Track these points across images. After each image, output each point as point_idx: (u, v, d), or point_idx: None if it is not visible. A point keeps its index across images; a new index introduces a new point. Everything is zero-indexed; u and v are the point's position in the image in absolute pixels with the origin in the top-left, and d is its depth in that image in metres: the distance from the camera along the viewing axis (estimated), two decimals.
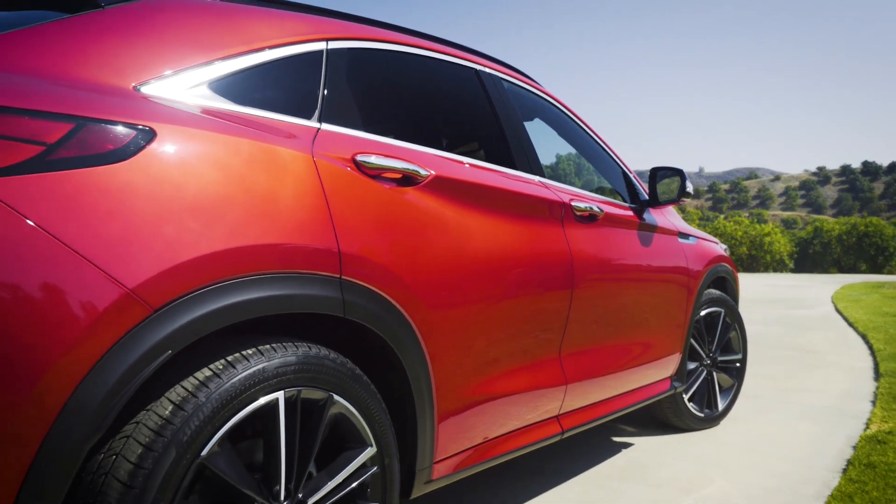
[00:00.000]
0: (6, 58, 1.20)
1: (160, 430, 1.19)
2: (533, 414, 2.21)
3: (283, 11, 1.77)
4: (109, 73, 1.30)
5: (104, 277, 1.11)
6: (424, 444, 1.76)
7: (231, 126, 1.41)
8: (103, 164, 1.16)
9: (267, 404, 1.35)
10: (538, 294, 2.17)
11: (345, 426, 1.54)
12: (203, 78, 1.45)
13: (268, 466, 1.37)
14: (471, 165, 2.03)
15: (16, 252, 1.04)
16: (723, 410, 3.61)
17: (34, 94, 1.14)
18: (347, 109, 1.75)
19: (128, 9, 1.44)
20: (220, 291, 1.26)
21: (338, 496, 1.51)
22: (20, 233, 1.04)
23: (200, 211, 1.26)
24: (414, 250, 1.70)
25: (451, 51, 2.27)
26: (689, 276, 3.19)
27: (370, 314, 1.56)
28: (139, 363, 1.15)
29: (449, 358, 1.80)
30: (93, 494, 1.14)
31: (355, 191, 1.59)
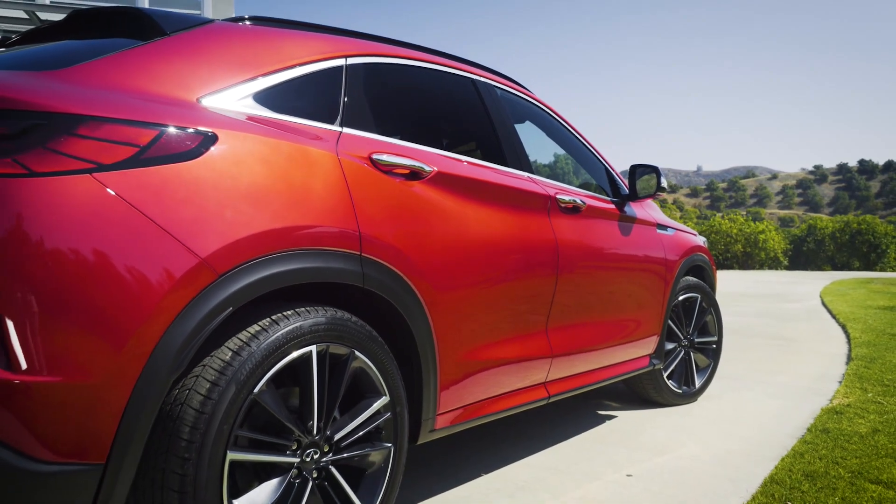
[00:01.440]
0: (103, 79, 1.52)
1: (222, 370, 1.51)
2: (522, 380, 2.54)
3: (308, 33, 2.10)
4: (178, 88, 1.63)
5: (184, 249, 1.43)
6: (428, 399, 2.08)
7: (272, 130, 1.73)
8: (179, 161, 1.49)
9: (303, 355, 1.67)
10: (526, 275, 2.49)
11: (363, 378, 1.86)
12: (248, 91, 1.77)
13: (303, 405, 1.70)
14: (468, 163, 2.36)
15: (120, 228, 1.36)
16: (700, 388, 3.94)
17: (129, 107, 1.46)
18: (364, 115, 2.07)
19: (188, 35, 1.76)
20: (267, 262, 1.58)
21: (358, 435, 1.83)
22: (122, 214, 1.37)
23: (252, 198, 1.59)
24: (420, 234, 2.02)
25: (450, 63, 2.59)
26: (666, 264, 3.52)
27: (384, 285, 1.88)
28: (207, 317, 1.47)
29: (449, 326, 2.12)
30: (173, 419, 1.46)
31: (372, 184, 1.91)
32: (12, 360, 1.24)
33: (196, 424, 1.46)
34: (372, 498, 1.86)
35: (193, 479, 1.45)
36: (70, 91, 1.43)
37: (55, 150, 1.32)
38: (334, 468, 1.77)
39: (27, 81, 1.43)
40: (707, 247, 4.28)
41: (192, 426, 1.46)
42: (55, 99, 1.37)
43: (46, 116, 1.34)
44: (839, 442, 2.98)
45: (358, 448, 1.84)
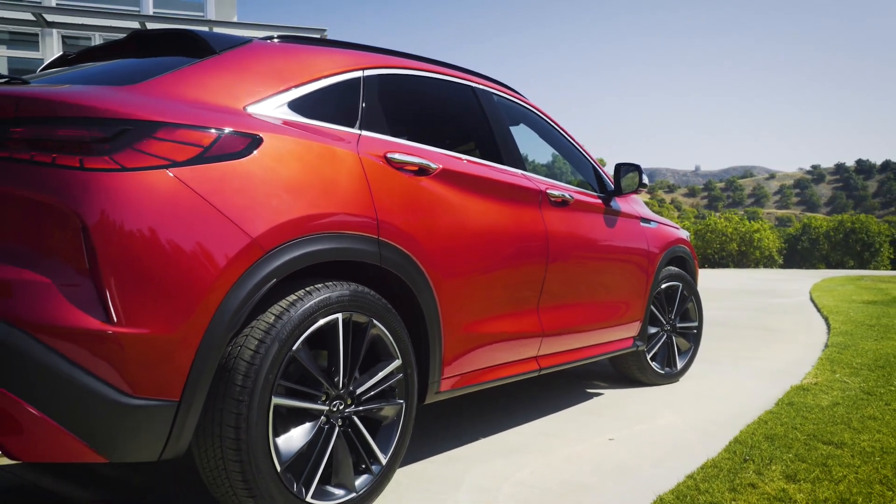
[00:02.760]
0: (171, 91, 1.86)
1: (267, 331, 1.85)
2: (516, 353, 2.87)
3: (330, 49, 2.43)
4: (229, 99, 1.96)
5: (238, 230, 1.76)
6: (434, 365, 2.42)
7: (304, 133, 2.07)
8: (233, 159, 1.82)
9: (331, 322, 2.00)
10: (520, 261, 2.82)
11: (379, 344, 2.19)
12: (284, 100, 2.11)
13: (331, 364, 2.03)
14: (468, 161, 2.69)
15: (189, 212, 1.69)
16: (681, 369, 4.28)
17: (194, 115, 1.79)
18: (379, 119, 2.40)
19: (233, 53, 2.10)
20: (303, 242, 1.91)
21: (375, 392, 2.17)
22: (191, 201, 1.70)
23: (290, 190, 1.92)
24: (427, 222, 2.36)
25: (452, 72, 2.93)
26: (649, 254, 3.85)
27: (398, 265, 2.21)
28: (256, 286, 1.80)
29: (452, 302, 2.45)
30: (228, 370, 1.79)
31: (387, 178, 2.25)
32: (109, 315, 1.57)
33: (247, 373, 1.79)
34: (387, 445, 2.20)
35: (246, 418, 1.78)
36: (148, 102, 1.76)
37: (140, 150, 1.66)
38: (356, 418, 2.10)
39: (115, 95, 1.76)
40: (690, 240, 4.62)
41: (245, 375, 1.79)
42: (138, 109, 1.70)
43: (133, 123, 1.67)
44: (801, 412, 3.32)
45: (375, 402, 2.17)
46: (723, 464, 2.58)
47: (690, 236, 4.60)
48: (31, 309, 1.54)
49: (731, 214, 32.75)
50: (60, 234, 1.58)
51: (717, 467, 2.54)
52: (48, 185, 1.58)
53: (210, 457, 1.81)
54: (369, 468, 2.14)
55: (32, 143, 1.60)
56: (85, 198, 1.58)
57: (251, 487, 1.80)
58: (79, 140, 1.61)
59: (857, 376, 4.22)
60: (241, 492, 1.81)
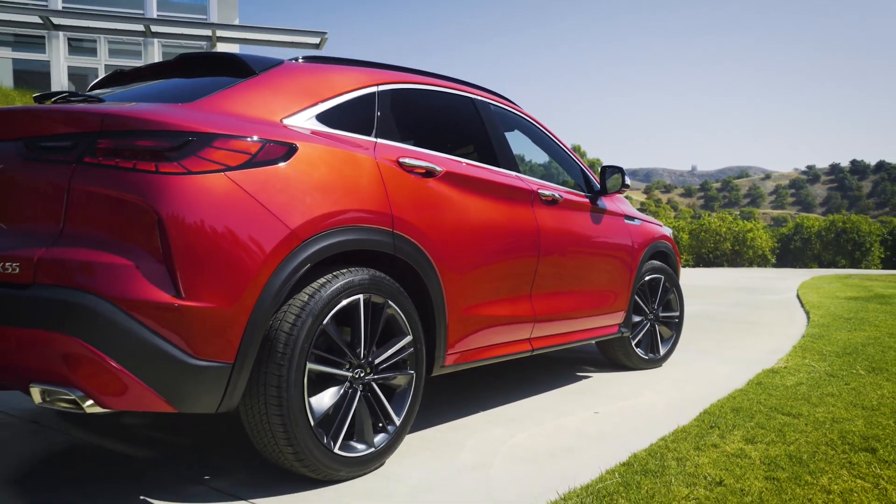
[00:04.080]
0: (222, 107, 2.22)
1: (303, 307, 2.21)
2: (511, 335, 3.23)
3: (350, 67, 2.79)
4: (268, 113, 2.32)
5: (280, 223, 2.12)
6: (440, 342, 2.78)
7: (330, 141, 2.43)
8: (275, 164, 2.18)
9: (353, 301, 2.36)
10: (514, 253, 3.19)
11: (393, 322, 2.56)
12: (312, 113, 2.47)
13: (353, 338, 2.39)
14: (468, 164, 3.05)
15: (241, 208, 2.05)
16: (664, 355, 4.65)
17: (243, 128, 2.15)
18: (391, 128, 2.77)
19: (270, 73, 2.46)
20: (331, 234, 2.28)
21: (390, 363, 2.53)
22: (243, 199, 2.06)
23: (320, 189, 2.28)
24: (434, 218, 2.72)
25: (454, 85, 3.29)
26: (632, 249, 4.22)
27: (409, 254, 2.57)
28: (294, 270, 2.16)
29: (455, 288, 2.81)
30: (270, 340, 2.15)
31: (399, 180, 2.61)
32: (178, 291, 1.93)
33: (287, 342, 2.16)
34: (400, 408, 2.56)
35: (286, 380, 2.14)
36: (207, 117, 2.12)
37: (202, 157, 2.02)
38: (375, 385, 2.47)
39: (180, 112, 2.12)
40: (672, 237, 4.99)
41: (285, 343, 2.15)
42: (199, 123, 2.07)
43: (196, 135, 2.03)
44: (767, 390, 3.70)
45: (390, 372, 2.54)
46: (691, 429, 2.95)
47: (677, 234, 4.97)
48: (116, 285, 1.89)
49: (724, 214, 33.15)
50: (139, 225, 1.94)
51: (686, 432, 2.91)
52: (129, 185, 1.94)
53: (256, 412, 2.17)
54: (385, 428, 2.50)
55: (116, 151, 1.96)
56: (159, 196, 1.94)
57: (290, 438, 2.16)
58: (154, 149, 1.98)
59: (825, 361, 4.59)
60: (281, 442, 2.17)
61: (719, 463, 2.53)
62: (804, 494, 2.25)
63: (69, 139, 2.00)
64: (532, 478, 2.43)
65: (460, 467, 2.54)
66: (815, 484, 2.35)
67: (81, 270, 1.90)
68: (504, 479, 2.43)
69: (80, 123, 2.02)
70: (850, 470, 2.50)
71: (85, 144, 1.98)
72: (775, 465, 2.52)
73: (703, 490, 2.26)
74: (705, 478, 2.37)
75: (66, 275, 1.90)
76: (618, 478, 2.34)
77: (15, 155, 2.06)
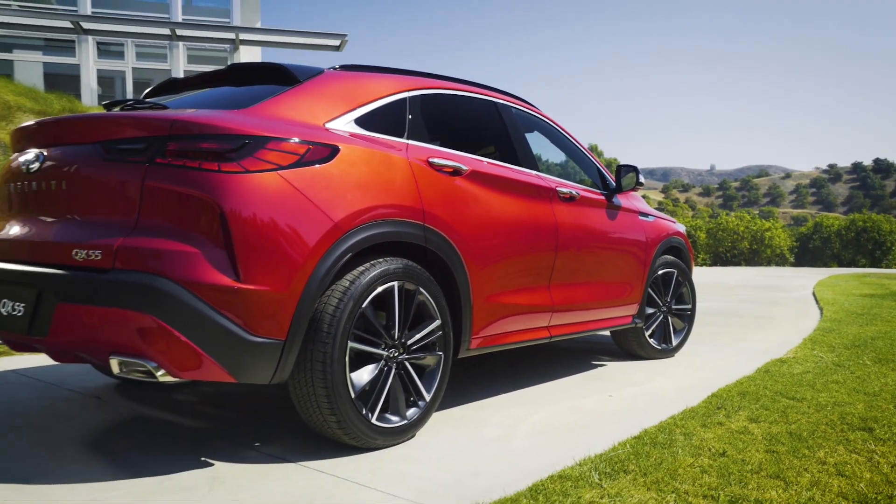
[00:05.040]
0: (273, 113, 2.48)
1: (344, 292, 2.46)
2: (531, 322, 3.47)
3: (384, 75, 3.04)
4: (313, 118, 2.58)
5: (325, 216, 2.38)
6: (466, 326, 3.02)
7: (367, 143, 2.68)
8: (320, 163, 2.43)
9: (388, 288, 2.61)
10: (534, 246, 3.42)
11: (424, 307, 2.80)
12: (351, 118, 2.72)
13: (388, 321, 2.64)
14: (490, 163, 3.29)
15: (292, 203, 2.31)
16: (676, 345, 4.86)
17: (292, 131, 2.41)
18: (421, 131, 3.01)
19: (313, 81, 2.72)
20: (369, 226, 2.53)
21: (421, 344, 2.78)
22: (293, 194, 2.31)
23: (360, 187, 2.53)
24: (460, 213, 2.96)
25: (477, 90, 3.54)
26: (646, 244, 4.44)
27: (438, 246, 2.82)
28: (338, 258, 2.42)
29: (480, 277, 3.05)
30: (316, 321, 2.41)
31: (429, 178, 2.86)
32: (238, 275, 2.20)
33: (331, 323, 2.41)
34: (430, 386, 2.81)
35: (330, 356, 2.40)
36: (261, 122, 2.38)
37: (258, 157, 2.28)
38: (407, 363, 2.72)
39: (238, 118, 2.38)
40: (685, 233, 5.19)
41: (329, 324, 2.41)
42: (255, 128, 2.33)
43: (252, 138, 2.29)
44: (774, 377, 3.90)
45: (421, 353, 2.78)
46: (699, 410, 3.17)
47: (694, 233, 5.18)
48: (184, 269, 2.16)
49: (742, 213, 33.02)
50: (204, 218, 2.20)
51: (694, 412, 3.13)
52: (195, 183, 2.21)
53: (303, 385, 2.43)
54: (416, 403, 2.75)
55: (184, 153, 2.23)
56: (221, 192, 2.20)
57: (333, 408, 2.42)
58: (216, 151, 2.24)
59: (833, 353, 4.77)
60: (326, 412, 2.43)
61: (723, 438, 2.74)
62: (801, 464, 2.47)
63: (142, 142, 2.28)
64: (550, 448, 2.66)
65: (485, 439, 2.78)
66: (811, 456, 2.56)
67: (154, 257, 2.17)
68: (525, 449, 2.67)
69: (152, 128, 2.29)
70: (846, 446, 2.71)
71: (156, 147, 2.25)
72: (776, 440, 2.74)
73: (706, 459, 2.48)
74: (710, 449, 2.59)
75: (141, 261, 2.17)
76: (629, 448, 2.57)
77: (94, 156, 2.34)
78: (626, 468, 2.36)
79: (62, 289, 2.25)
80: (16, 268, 2.46)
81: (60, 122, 2.59)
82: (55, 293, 2.26)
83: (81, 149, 2.40)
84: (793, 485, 2.26)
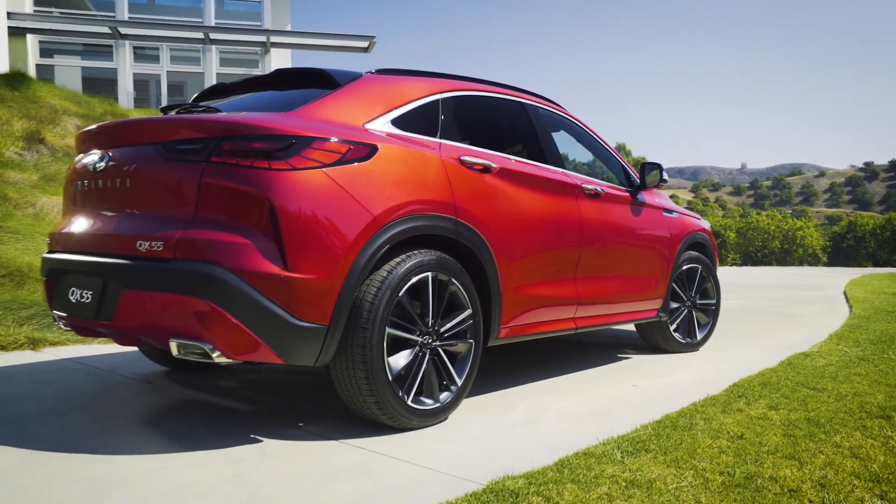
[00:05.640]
0: (317, 115, 2.67)
1: (382, 281, 2.64)
2: (557, 313, 3.61)
3: (417, 78, 3.22)
4: (353, 119, 2.76)
5: (365, 210, 2.56)
6: (495, 316, 3.18)
7: (403, 143, 2.86)
8: (360, 161, 2.62)
9: (423, 278, 2.78)
10: (560, 240, 3.57)
11: (455, 297, 2.97)
12: (388, 119, 2.90)
13: (423, 309, 2.81)
14: (518, 161, 3.44)
15: (335, 198, 2.49)
16: (701, 339, 4.95)
17: (335, 132, 2.60)
18: (453, 130, 3.18)
19: (353, 85, 2.91)
20: (405, 220, 2.70)
21: (453, 332, 2.94)
22: (336, 190, 2.50)
23: (396, 183, 2.71)
24: (490, 208, 3.12)
25: (506, 91, 3.69)
26: (670, 239, 4.55)
27: (469, 239, 2.98)
28: (377, 249, 2.59)
29: (508, 269, 3.21)
30: (356, 308, 2.59)
31: (461, 175, 3.02)
32: (286, 264, 2.38)
33: (370, 310, 2.59)
34: (462, 371, 2.97)
35: (370, 341, 2.58)
36: (306, 124, 2.58)
37: (304, 156, 2.47)
38: (441, 350, 2.89)
39: (286, 119, 2.57)
40: (710, 230, 5.29)
41: (368, 311, 2.59)
42: (301, 129, 2.52)
43: (299, 138, 2.48)
44: (796, 369, 3.98)
45: (453, 340, 2.95)
46: (721, 398, 3.29)
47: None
48: (237, 259, 2.36)
49: (773, 212, 32.58)
50: (255, 212, 2.40)
51: (716, 399, 3.25)
52: (247, 179, 2.41)
53: (344, 368, 2.61)
54: (449, 387, 2.92)
55: (237, 152, 2.43)
56: (271, 188, 2.39)
57: (372, 389, 2.60)
58: (266, 150, 2.43)
59: (858, 347, 4.83)
60: (365, 393, 2.61)
61: (742, 423, 2.86)
62: (816, 447, 2.58)
63: (199, 143, 2.48)
64: (575, 431, 2.81)
65: (513, 422, 2.94)
66: (827, 440, 2.67)
67: (210, 248, 2.37)
68: (551, 431, 2.82)
69: (207, 130, 2.50)
70: (863, 432, 2.81)
71: (212, 147, 2.45)
72: (794, 426, 2.85)
73: (725, 441, 2.60)
74: (728, 433, 2.71)
75: (198, 251, 2.37)
76: (650, 430, 2.71)
77: (155, 156, 2.55)
78: (648, 447, 2.50)
79: (127, 277, 2.46)
80: (83, 258, 2.68)
81: (123, 125, 2.82)
82: (121, 281, 2.48)
83: (143, 149, 2.62)
84: (807, 464, 2.38)
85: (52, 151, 7.92)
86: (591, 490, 2.08)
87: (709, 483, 2.19)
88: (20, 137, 7.85)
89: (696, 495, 2.09)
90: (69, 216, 2.98)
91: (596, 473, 2.21)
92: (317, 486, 2.15)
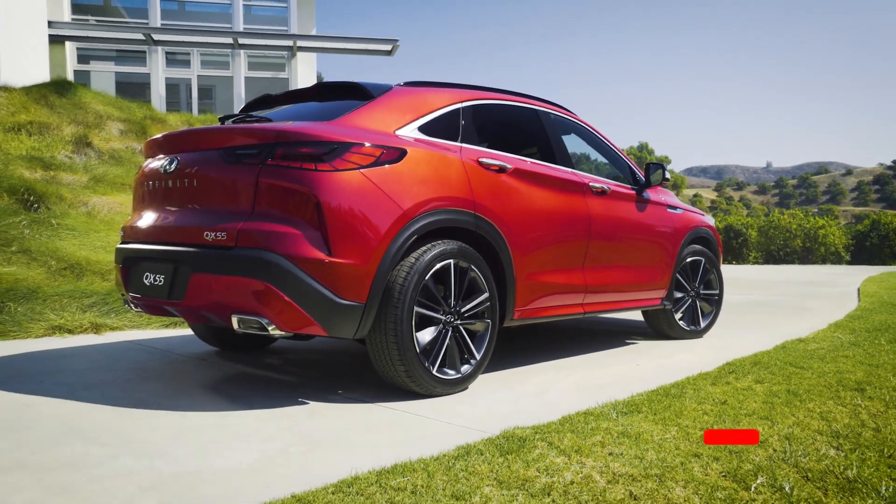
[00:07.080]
0: (355, 123, 3.10)
1: (410, 267, 3.06)
2: (567, 299, 4.01)
3: (441, 89, 3.64)
4: (385, 126, 3.19)
5: (396, 205, 2.98)
6: (509, 300, 3.58)
7: (429, 147, 3.28)
8: (392, 164, 3.04)
9: (445, 265, 3.20)
10: (569, 234, 3.97)
11: (475, 282, 3.38)
12: (416, 126, 3.32)
13: (446, 292, 3.23)
14: (531, 162, 3.85)
15: (371, 195, 2.92)
16: (704, 327, 5.31)
17: (370, 138, 3.03)
18: (473, 135, 3.60)
19: (385, 96, 3.34)
20: (430, 214, 3.12)
21: (472, 312, 3.36)
22: (371, 188, 2.93)
23: (423, 182, 3.13)
24: (505, 204, 3.53)
25: (520, 99, 4.10)
26: (673, 234, 4.92)
27: (487, 231, 3.40)
28: (406, 239, 3.02)
29: (522, 259, 3.61)
30: (389, 289, 3.02)
31: (479, 175, 3.44)
32: (330, 251, 2.82)
33: (400, 291, 3.02)
34: (480, 347, 3.39)
35: (400, 317, 3.00)
36: (346, 131, 3.01)
37: (345, 159, 2.90)
38: (462, 328, 3.30)
39: (328, 128, 3.01)
40: (714, 225, 5.64)
41: (399, 292, 3.01)
42: (342, 136, 2.95)
43: (340, 144, 2.92)
44: (788, 351, 4.34)
45: (473, 320, 3.37)
46: (712, 373, 3.66)
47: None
48: (288, 246, 2.79)
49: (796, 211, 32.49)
50: (303, 206, 2.83)
51: (707, 374, 3.63)
52: (297, 179, 2.84)
53: (378, 341, 3.04)
54: (469, 361, 3.33)
55: (288, 156, 2.87)
56: (317, 186, 2.83)
57: (403, 359, 3.02)
58: (313, 154, 2.87)
59: (852, 335, 5.14)
60: (396, 363, 3.03)
61: (728, 392, 3.24)
62: (790, 411, 2.95)
63: (255, 148, 2.93)
64: (579, 399, 3.21)
65: (525, 393, 3.35)
66: (801, 406, 3.04)
67: (266, 237, 2.81)
68: (558, 400, 3.22)
69: (263, 137, 2.94)
70: (836, 401, 3.17)
71: (267, 151, 2.90)
72: (774, 395, 3.22)
73: (709, 406, 2.99)
74: (714, 399, 3.09)
75: (256, 240, 2.81)
76: (644, 397, 3.10)
77: (218, 159, 3.00)
78: (640, 409, 2.89)
79: (196, 262, 2.92)
80: (156, 247, 3.15)
81: (188, 133, 3.28)
82: (190, 266, 2.93)
83: (207, 154, 3.07)
84: (778, 424, 2.76)
85: (98, 154, 8.48)
86: (587, 438, 2.48)
87: (689, 435, 2.58)
88: (69, 141, 8.44)
89: (677, 444, 2.48)
90: (139, 212, 3.44)
91: (593, 427, 2.61)
92: (359, 434, 2.59)
